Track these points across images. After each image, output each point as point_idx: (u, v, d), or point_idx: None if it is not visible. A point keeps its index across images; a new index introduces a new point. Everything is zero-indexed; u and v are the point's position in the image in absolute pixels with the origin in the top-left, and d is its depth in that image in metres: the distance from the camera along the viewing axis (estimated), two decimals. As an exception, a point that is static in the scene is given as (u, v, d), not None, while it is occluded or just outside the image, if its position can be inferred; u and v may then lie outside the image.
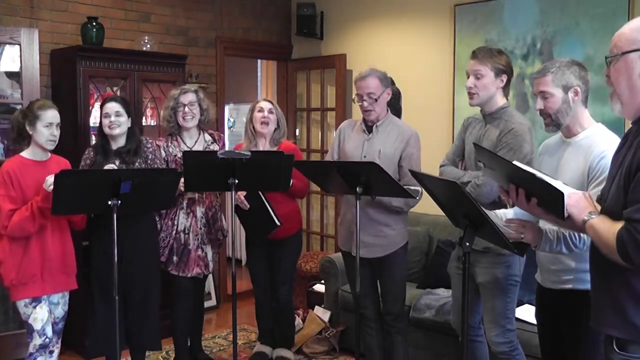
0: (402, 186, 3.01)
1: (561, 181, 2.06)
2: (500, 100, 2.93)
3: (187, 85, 3.94)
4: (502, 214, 2.51)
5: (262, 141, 3.90)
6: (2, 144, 4.17)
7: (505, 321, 2.92)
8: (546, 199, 1.95)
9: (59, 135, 3.16)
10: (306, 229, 5.86)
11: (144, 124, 4.70)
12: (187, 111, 3.77)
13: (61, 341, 3.33)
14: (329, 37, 5.70)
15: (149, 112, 4.82)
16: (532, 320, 3.01)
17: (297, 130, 6.06)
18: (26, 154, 3.15)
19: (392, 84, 4.29)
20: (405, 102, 4.35)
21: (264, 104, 3.88)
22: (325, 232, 5.94)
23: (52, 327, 3.19)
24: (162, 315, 3.69)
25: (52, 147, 3.16)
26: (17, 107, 4.13)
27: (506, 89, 2.96)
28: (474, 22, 4.59)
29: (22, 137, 3.14)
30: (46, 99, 4.24)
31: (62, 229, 3.21)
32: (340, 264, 4.15)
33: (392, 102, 4.08)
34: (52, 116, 3.13)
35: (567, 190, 1.91)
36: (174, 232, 3.77)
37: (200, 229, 3.82)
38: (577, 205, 1.86)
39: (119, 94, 4.37)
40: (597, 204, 1.91)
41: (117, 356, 3.06)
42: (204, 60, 5.39)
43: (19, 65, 4.15)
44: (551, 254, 2.41)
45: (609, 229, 1.72)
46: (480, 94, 2.89)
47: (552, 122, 2.44)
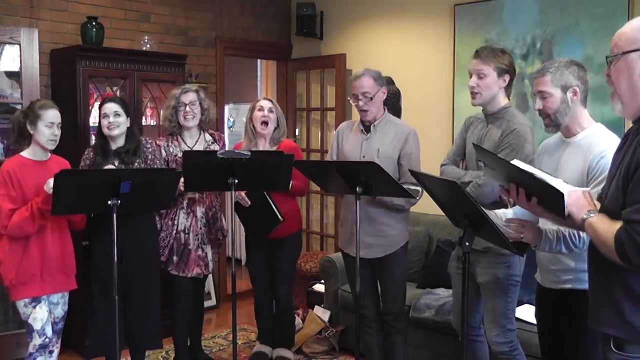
0: (402, 186, 3.01)
1: (562, 180, 2.06)
2: (502, 100, 2.93)
3: (188, 85, 3.94)
4: (502, 214, 2.51)
5: (262, 141, 3.90)
6: (2, 144, 4.17)
7: (505, 321, 2.92)
8: (546, 198, 1.95)
9: (60, 135, 3.17)
10: (306, 229, 5.86)
11: (144, 124, 4.70)
12: (189, 111, 3.76)
13: (61, 341, 3.32)
14: (329, 37, 5.70)
15: (149, 112, 4.82)
16: (532, 320, 3.01)
17: (297, 130, 6.06)
18: (26, 154, 3.15)
19: (392, 83, 4.31)
20: (405, 102, 4.35)
21: (265, 103, 3.88)
22: (325, 232, 5.94)
23: (52, 327, 3.19)
24: (162, 315, 3.69)
25: (53, 147, 3.16)
26: (17, 107, 4.14)
27: (509, 89, 2.95)
28: (474, 22, 4.58)
29: (23, 138, 3.14)
30: (46, 99, 4.25)
31: (62, 229, 3.21)
32: (340, 264, 4.15)
33: (392, 102, 4.09)
34: (54, 116, 3.13)
35: (567, 188, 1.91)
36: (174, 232, 3.77)
37: (200, 229, 3.82)
38: (577, 204, 1.86)
39: (119, 94, 4.37)
40: (598, 202, 1.92)
41: (117, 356, 3.06)
42: (204, 60, 5.39)
43: (19, 65, 4.15)
44: (551, 254, 2.41)
45: (607, 228, 1.72)
46: (482, 94, 2.89)
47: (552, 123, 2.44)
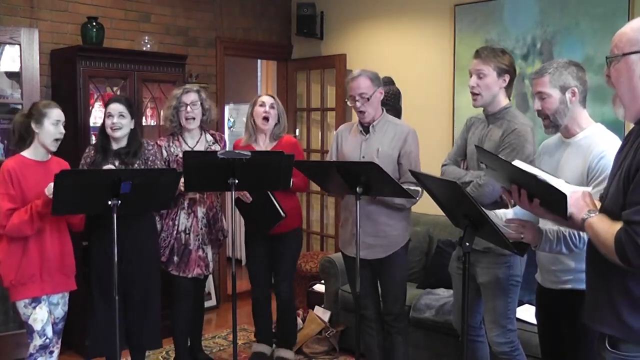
0: (402, 186, 3.01)
1: (563, 180, 2.06)
2: (503, 100, 2.93)
3: (189, 84, 3.93)
4: (502, 214, 2.50)
5: (262, 136, 3.90)
6: (2, 144, 4.17)
7: (506, 321, 2.92)
8: (549, 200, 1.95)
9: (64, 134, 3.18)
10: (306, 229, 5.86)
11: (144, 124, 4.70)
12: (190, 111, 3.76)
13: (61, 341, 3.32)
14: (329, 37, 5.70)
15: (149, 112, 4.82)
16: (532, 320, 3.01)
17: (297, 130, 6.06)
18: (27, 154, 3.15)
19: (392, 83, 4.31)
20: (405, 102, 4.35)
21: (266, 99, 3.88)
22: (325, 232, 5.94)
23: (52, 327, 3.18)
24: (162, 315, 3.69)
25: (56, 147, 3.17)
26: (17, 107, 4.15)
27: (509, 89, 2.95)
28: (474, 22, 4.59)
29: (24, 139, 3.14)
30: (46, 99, 4.26)
31: (61, 230, 3.21)
32: (340, 264, 4.15)
33: (392, 102, 4.10)
34: (59, 114, 3.16)
35: (569, 188, 1.90)
36: (174, 232, 3.77)
37: (201, 229, 3.82)
38: (576, 204, 1.86)
39: (119, 94, 4.37)
40: (599, 202, 1.91)
41: (117, 356, 3.06)
42: (204, 60, 5.39)
43: (19, 65, 4.15)
44: (551, 254, 2.40)
45: (607, 229, 1.72)
46: (483, 94, 2.89)
47: (551, 123, 2.44)
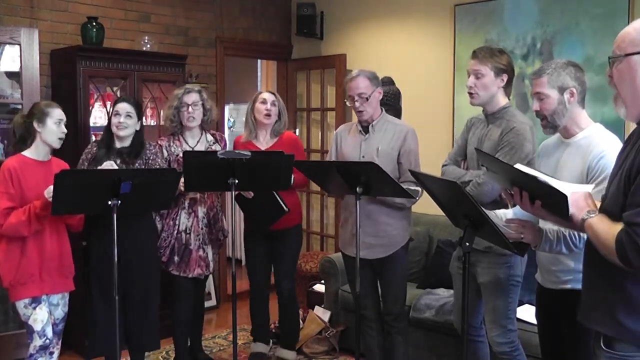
0: (402, 186, 3.01)
1: (563, 181, 2.06)
2: (502, 100, 2.93)
3: (191, 84, 3.93)
4: (502, 214, 2.50)
5: (262, 133, 3.90)
6: (2, 144, 4.17)
7: (506, 321, 2.92)
8: (550, 201, 1.95)
9: (65, 133, 3.20)
10: (306, 229, 5.86)
11: (144, 123, 4.68)
12: (191, 111, 3.76)
13: (61, 342, 3.32)
14: (329, 37, 5.70)
15: (149, 112, 4.82)
16: (533, 320, 3.01)
17: (297, 130, 6.06)
18: (28, 154, 3.15)
19: (392, 83, 4.31)
20: (405, 102, 4.35)
21: (267, 96, 3.88)
22: (325, 232, 5.94)
23: (52, 328, 3.18)
24: (162, 315, 3.68)
25: (59, 144, 3.18)
26: (17, 107, 4.15)
27: (508, 88, 2.95)
28: (474, 22, 4.58)
29: (25, 140, 3.15)
30: (46, 99, 4.26)
31: (60, 230, 3.21)
32: (340, 264, 4.15)
33: (392, 102, 4.10)
34: (60, 113, 3.18)
35: (570, 189, 1.90)
36: (175, 232, 3.76)
37: (201, 229, 3.82)
38: (576, 204, 1.86)
39: (119, 94, 4.37)
40: (600, 202, 1.91)
41: (117, 356, 3.06)
42: (204, 60, 5.39)
43: (19, 65, 4.14)
44: (551, 254, 2.41)
45: (608, 230, 1.72)
46: (480, 94, 2.89)
47: (549, 124, 2.45)
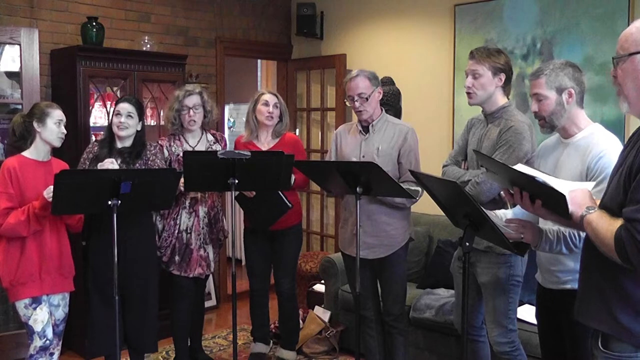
0: (402, 186, 3.01)
1: (563, 179, 2.06)
2: (500, 99, 2.93)
3: (191, 85, 3.91)
4: (502, 214, 2.51)
5: (264, 133, 3.90)
6: (2, 144, 4.17)
7: (507, 321, 2.92)
8: (550, 200, 1.95)
9: (65, 134, 3.21)
10: (306, 228, 5.86)
11: (144, 124, 4.69)
12: (192, 114, 3.76)
13: (61, 342, 3.32)
14: (329, 37, 5.70)
15: (149, 112, 4.83)
16: (533, 320, 3.01)
17: (297, 130, 6.06)
18: (28, 154, 3.15)
19: (392, 84, 4.31)
20: (405, 102, 4.35)
21: (270, 98, 3.86)
22: (325, 232, 5.94)
23: (53, 329, 3.18)
24: (162, 315, 3.68)
25: (60, 143, 3.19)
26: (17, 107, 4.16)
27: (507, 88, 2.96)
28: (474, 22, 4.58)
29: (25, 140, 3.15)
30: (46, 99, 4.27)
31: (59, 230, 3.22)
32: (340, 264, 4.15)
33: (392, 102, 4.10)
34: (60, 114, 3.20)
35: (570, 186, 1.90)
36: (176, 232, 3.76)
37: (202, 228, 3.81)
38: (574, 201, 1.86)
39: (119, 94, 4.37)
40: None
41: (117, 356, 3.06)
42: (204, 60, 5.39)
43: (19, 65, 4.14)
44: (551, 255, 2.41)
45: (607, 226, 1.72)
46: (478, 93, 2.90)
47: (546, 124, 2.45)
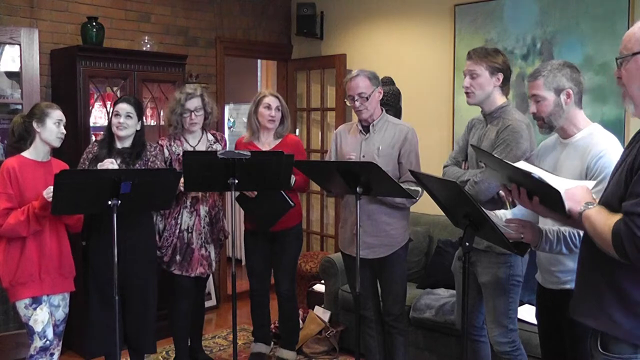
0: (402, 186, 3.02)
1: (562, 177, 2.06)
2: (499, 99, 2.94)
3: (191, 87, 3.89)
4: (502, 214, 2.51)
5: (265, 135, 3.89)
6: (2, 144, 4.17)
7: (507, 321, 2.92)
8: (546, 197, 1.95)
9: (64, 134, 3.21)
10: (306, 228, 5.86)
11: (144, 123, 4.68)
12: (193, 117, 3.75)
13: (62, 342, 3.32)
14: (329, 37, 5.70)
15: (149, 112, 4.83)
16: (533, 320, 3.02)
17: (297, 130, 6.06)
18: (28, 154, 3.15)
19: (392, 84, 4.31)
20: (405, 102, 4.35)
21: (272, 101, 3.84)
22: (325, 232, 5.94)
23: (53, 329, 3.18)
24: (161, 315, 3.68)
25: (59, 143, 3.20)
26: (17, 107, 4.16)
27: (505, 87, 2.96)
28: (474, 22, 4.58)
29: (24, 140, 3.15)
30: (46, 99, 4.27)
31: (59, 230, 3.22)
32: (340, 264, 4.15)
33: (392, 102, 4.10)
34: (60, 114, 3.20)
35: (570, 184, 1.90)
36: (177, 231, 3.75)
37: (203, 227, 3.81)
38: (572, 197, 1.86)
39: (119, 94, 4.37)
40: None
41: (117, 356, 3.06)
42: (204, 60, 5.39)
43: (19, 65, 4.14)
44: (551, 255, 2.41)
45: (605, 221, 1.72)
46: (476, 93, 2.91)
47: (545, 124, 2.45)
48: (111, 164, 3.26)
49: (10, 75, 4.30)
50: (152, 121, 4.84)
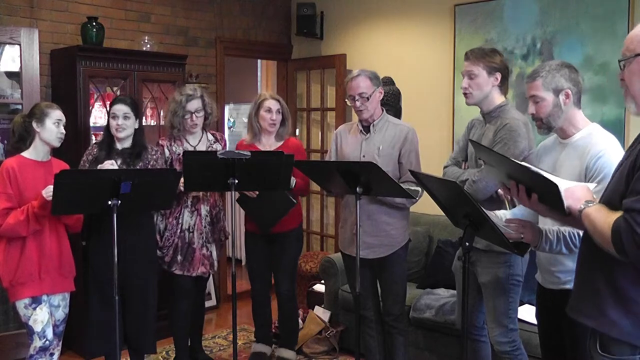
0: (402, 186, 3.02)
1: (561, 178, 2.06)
2: (497, 98, 2.94)
3: (191, 87, 3.88)
4: (502, 215, 2.51)
5: (266, 137, 3.90)
6: (2, 144, 4.17)
7: (507, 321, 2.92)
8: (544, 192, 1.95)
9: (64, 134, 3.21)
10: (306, 228, 5.86)
11: (144, 124, 4.68)
12: (194, 119, 3.75)
13: (61, 342, 3.32)
14: (329, 37, 5.70)
15: (149, 112, 4.83)
16: (533, 320, 3.02)
17: (297, 130, 6.06)
18: (27, 154, 3.16)
19: (392, 84, 4.31)
20: (405, 102, 4.35)
21: (273, 104, 3.84)
22: (325, 232, 5.94)
23: (53, 329, 3.18)
24: (161, 315, 3.68)
25: (59, 143, 3.20)
26: (17, 107, 4.16)
27: (503, 87, 2.97)
28: (474, 22, 4.58)
29: (24, 140, 3.15)
30: (46, 99, 4.27)
31: (59, 230, 3.22)
32: (340, 264, 4.15)
33: (392, 102, 4.10)
34: (60, 114, 3.20)
35: (567, 185, 1.90)
36: (178, 231, 3.75)
37: (204, 227, 3.81)
38: (572, 196, 1.86)
39: (119, 94, 4.37)
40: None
41: (117, 356, 3.06)
42: (204, 60, 5.39)
43: (19, 65, 4.14)
44: (550, 255, 2.41)
45: (605, 218, 1.72)
46: (474, 93, 2.92)
47: (543, 125, 2.45)
48: (111, 166, 3.26)
49: (10, 75, 4.30)
50: (152, 121, 4.83)
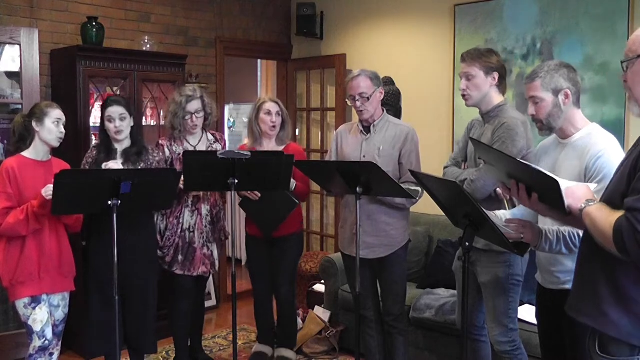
0: (402, 186, 3.02)
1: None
2: (496, 98, 2.94)
3: (190, 88, 3.88)
4: (502, 215, 2.51)
5: (267, 141, 3.90)
6: (2, 144, 4.17)
7: (507, 320, 2.92)
8: (545, 191, 1.95)
9: (64, 134, 3.21)
10: (306, 229, 5.86)
11: (144, 124, 4.69)
12: (194, 119, 3.75)
13: (61, 342, 3.31)
14: (329, 37, 5.70)
15: (149, 112, 4.83)
16: (533, 320, 3.02)
17: (297, 130, 6.06)
18: (27, 154, 3.16)
19: (392, 84, 4.31)
20: (405, 102, 4.35)
21: (272, 107, 3.84)
22: (325, 232, 5.94)
23: (52, 329, 3.18)
24: (162, 315, 3.68)
25: (59, 143, 3.20)
26: (17, 107, 4.16)
27: (501, 86, 2.97)
28: (474, 22, 4.58)
29: (24, 139, 3.16)
30: (46, 99, 4.27)
31: (59, 230, 3.22)
32: (340, 264, 4.15)
33: (392, 102, 4.10)
34: (60, 114, 3.20)
35: (566, 184, 1.91)
36: (179, 231, 3.75)
37: (205, 226, 3.81)
38: (573, 195, 1.86)
39: (118, 93, 4.37)
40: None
41: (117, 356, 3.06)
42: (204, 60, 5.39)
43: (19, 65, 4.15)
44: (550, 255, 2.41)
45: (606, 217, 1.72)
46: (473, 95, 2.93)
47: (544, 126, 2.45)
48: (115, 165, 3.28)
49: (10, 75, 4.30)
50: (152, 121, 4.84)
